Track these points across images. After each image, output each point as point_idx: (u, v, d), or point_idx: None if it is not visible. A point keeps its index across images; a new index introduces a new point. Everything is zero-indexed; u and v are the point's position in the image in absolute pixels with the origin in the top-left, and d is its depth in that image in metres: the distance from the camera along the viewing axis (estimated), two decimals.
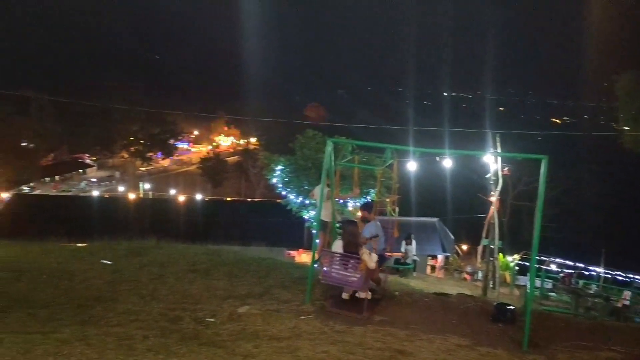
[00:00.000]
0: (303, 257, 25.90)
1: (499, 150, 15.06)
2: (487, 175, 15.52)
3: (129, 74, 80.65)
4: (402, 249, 19.41)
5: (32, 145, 59.66)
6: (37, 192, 56.75)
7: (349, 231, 8.32)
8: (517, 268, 23.87)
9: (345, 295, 8.17)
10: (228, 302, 7.90)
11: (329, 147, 8.47)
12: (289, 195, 18.49)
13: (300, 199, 18.05)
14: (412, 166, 11.36)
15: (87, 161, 79.55)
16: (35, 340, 5.16)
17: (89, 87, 70.64)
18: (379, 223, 9.04)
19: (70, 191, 61.44)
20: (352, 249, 8.06)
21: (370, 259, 7.87)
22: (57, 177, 68.26)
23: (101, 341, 5.42)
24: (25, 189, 55.36)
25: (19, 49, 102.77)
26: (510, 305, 8.31)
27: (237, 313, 7.30)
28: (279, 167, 18.29)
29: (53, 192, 58.34)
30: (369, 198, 14.57)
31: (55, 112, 66.45)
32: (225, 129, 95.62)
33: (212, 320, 6.88)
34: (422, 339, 6.70)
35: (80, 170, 75.69)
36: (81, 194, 55.38)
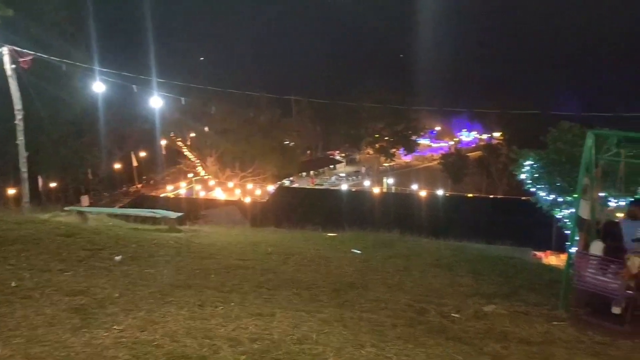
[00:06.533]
0: (551, 259, 24.03)
1: None
2: None
3: (376, 73, 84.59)
4: None
5: (292, 143, 67.04)
6: (295, 185, 63.43)
7: (612, 234, 7.44)
8: None
9: (616, 310, 7.21)
10: (473, 299, 7.77)
11: (589, 140, 7.70)
12: (538, 192, 17.32)
13: (552, 196, 16.75)
14: None
15: (337, 157, 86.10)
16: (302, 317, 5.79)
17: (340, 89, 76.26)
18: None
19: (322, 185, 67.21)
20: (615, 253, 7.19)
21: (634, 263, 6.90)
22: (312, 172, 75.31)
23: (356, 324, 5.83)
24: (286, 182, 62.36)
25: (284, 58, 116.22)
26: None
27: (483, 311, 7.13)
28: (528, 163, 17.24)
29: (309, 186, 64.56)
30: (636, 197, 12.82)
31: (312, 114, 73.72)
32: (468, 124, 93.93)
33: (457, 316, 6.85)
34: None
35: (331, 166, 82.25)
36: (332, 188, 60.19)
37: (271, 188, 51.81)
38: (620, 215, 10.03)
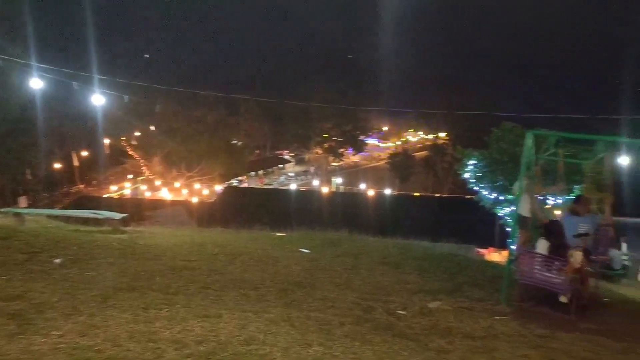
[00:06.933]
0: (494, 255, 24.78)
1: None
2: None
3: (325, 74, 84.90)
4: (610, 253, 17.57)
5: (240, 143, 66.41)
6: (244, 184, 62.87)
7: (554, 232, 7.81)
8: None
9: (563, 299, 7.48)
10: (419, 296, 7.92)
11: (529, 140, 8.00)
12: (481, 191, 17.82)
13: (494, 195, 17.28)
14: (625, 160, 10.21)
15: (286, 157, 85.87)
16: (249, 317, 5.74)
17: (289, 89, 76.13)
18: (597, 219, 8.20)
19: (271, 184, 66.91)
20: (558, 251, 7.57)
21: (576, 259, 7.26)
22: (260, 172, 74.80)
23: (303, 324, 5.82)
24: (235, 181, 61.73)
25: (231, 57, 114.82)
26: None
27: (428, 308, 7.28)
28: (472, 162, 17.71)
29: (258, 185, 64.13)
30: (572, 195, 13.42)
31: (261, 113, 73.25)
32: (414, 124, 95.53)
33: (403, 312, 6.96)
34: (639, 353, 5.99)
35: (280, 166, 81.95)
36: (281, 187, 60.01)
37: (219, 188, 51.17)
38: (558, 212, 10.45)
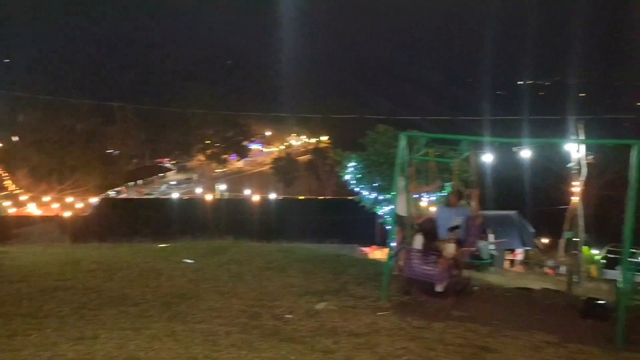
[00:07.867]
0: (376, 253, 25.77)
1: (582, 137, 14.40)
2: (569, 165, 14.88)
3: (204, 80, 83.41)
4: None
5: (117, 152, 63.17)
6: (122, 195, 59.80)
7: (428, 229, 8.33)
8: (603, 261, 22.69)
9: (439, 288, 8.04)
10: (305, 298, 8.00)
11: (403, 141, 8.40)
12: (362, 191, 18.42)
13: (374, 195, 17.94)
14: (488, 158, 11.10)
15: (167, 165, 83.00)
16: (128, 336, 5.47)
17: (168, 96, 73.76)
18: (468, 211, 8.79)
19: (152, 194, 64.29)
20: (432, 245, 8.09)
21: (449, 251, 7.82)
22: (140, 181, 71.59)
23: (187, 337, 5.65)
24: (112, 193, 58.52)
25: (104, 63, 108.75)
26: (600, 300, 7.92)
27: (315, 309, 7.38)
28: (352, 164, 18.23)
29: (137, 196, 61.29)
30: (444, 193, 14.35)
31: (138, 121, 70.21)
32: (296, 128, 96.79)
33: (290, 316, 6.99)
34: (506, 335, 6.50)
35: (161, 174, 79.00)
36: (162, 197, 57.89)
37: (94, 200, 48.20)
38: (433, 209, 11.10)
